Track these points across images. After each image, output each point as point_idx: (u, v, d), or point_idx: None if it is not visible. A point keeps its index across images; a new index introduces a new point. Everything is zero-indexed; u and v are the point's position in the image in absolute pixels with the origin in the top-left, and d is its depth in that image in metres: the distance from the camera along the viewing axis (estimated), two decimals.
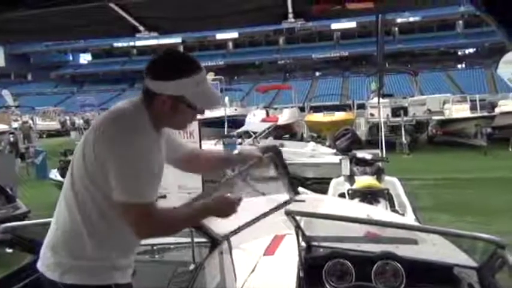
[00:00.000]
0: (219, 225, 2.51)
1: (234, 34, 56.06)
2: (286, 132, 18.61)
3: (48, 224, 1.71)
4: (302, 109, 21.76)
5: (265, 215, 2.20)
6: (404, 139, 15.56)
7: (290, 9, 1.76)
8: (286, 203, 2.13)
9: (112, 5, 1.79)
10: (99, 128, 1.51)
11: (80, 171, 1.53)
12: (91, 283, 1.55)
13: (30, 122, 23.03)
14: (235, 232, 2.34)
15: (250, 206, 2.39)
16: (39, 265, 1.61)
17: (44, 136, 28.92)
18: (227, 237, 2.36)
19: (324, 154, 10.12)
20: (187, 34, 51.84)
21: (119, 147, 1.45)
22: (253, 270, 2.36)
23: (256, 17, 2.02)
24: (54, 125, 32.26)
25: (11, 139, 16.00)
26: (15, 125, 20.51)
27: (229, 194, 1.71)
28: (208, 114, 20.13)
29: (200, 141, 3.00)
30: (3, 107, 28.43)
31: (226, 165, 2.01)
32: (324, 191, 5.87)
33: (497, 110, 17.04)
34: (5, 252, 2.15)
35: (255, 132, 13.97)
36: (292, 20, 1.81)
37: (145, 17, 2.04)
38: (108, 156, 1.46)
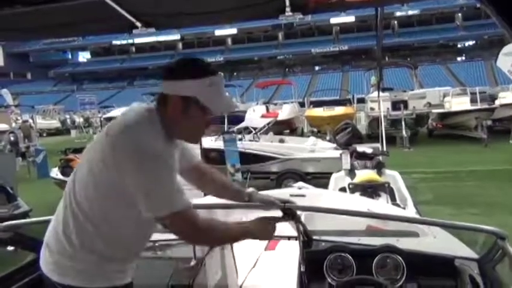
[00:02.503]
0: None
1: (232, 30, 55.95)
2: (287, 127, 18.60)
3: (49, 222, 1.71)
4: (302, 104, 21.76)
5: None
6: (404, 133, 15.54)
7: (287, 3, 1.75)
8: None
9: (108, 1, 1.78)
10: (114, 141, 1.46)
11: (87, 179, 1.50)
12: (91, 286, 1.53)
13: (30, 121, 23.03)
14: None
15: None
16: (41, 264, 1.60)
17: (44, 135, 28.96)
18: None
19: (324, 149, 10.12)
20: (185, 31, 51.85)
21: (141, 163, 1.42)
22: (254, 265, 2.37)
23: (254, 11, 2.02)
24: (54, 123, 32.29)
25: (12, 138, 16.01)
26: (14, 124, 20.49)
27: (267, 217, 1.80)
28: None
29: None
30: (3, 106, 28.42)
31: (233, 198, 2.02)
32: (324, 186, 5.87)
33: (497, 102, 17.01)
34: (6, 251, 2.15)
35: (255, 128, 13.96)
36: (290, 13, 1.80)
37: (142, 13, 2.04)
38: (130, 172, 1.42)
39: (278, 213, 2.08)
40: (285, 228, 2.29)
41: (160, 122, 1.51)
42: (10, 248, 2.14)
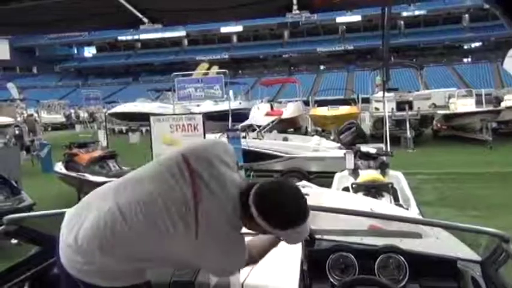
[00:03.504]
0: None
1: (238, 28, 55.95)
2: (291, 126, 18.59)
3: (53, 215, 1.71)
4: (306, 103, 21.71)
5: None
6: (408, 133, 15.50)
7: (295, 1, 1.75)
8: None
9: None
10: (205, 229, 1.49)
11: (151, 226, 1.49)
12: (115, 285, 1.53)
13: (35, 115, 23.15)
14: None
15: None
16: (62, 259, 1.55)
17: (49, 129, 29.09)
18: None
19: (328, 148, 10.11)
20: (191, 27, 51.96)
21: (220, 256, 1.53)
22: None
23: (261, 8, 2.02)
24: (59, 118, 32.42)
25: (16, 132, 16.10)
26: (19, 118, 20.60)
27: None
28: (213, 108, 20.20)
29: (204, 135, 3.00)
30: (9, 100, 28.55)
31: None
32: (328, 185, 5.87)
33: (503, 105, 16.94)
34: (10, 244, 2.16)
35: (259, 126, 13.97)
36: (297, 11, 1.80)
37: (149, 8, 2.04)
38: (205, 261, 1.55)
39: None
40: None
41: (241, 219, 1.56)
42: (14, 241, 2.15)
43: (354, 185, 5.27)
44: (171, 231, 1.47)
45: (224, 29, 56.43)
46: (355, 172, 5.92)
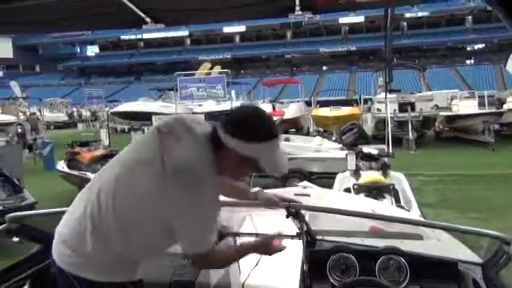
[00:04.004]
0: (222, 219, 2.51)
1: (241, 28, 55.96)
2: (293, 126, 18.57)
3: (54, 214, 1.72)
4: (309, 103, 21.70)
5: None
6: (411, 135, 15.47)
7: (297, 2, 1.75)
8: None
9: None
10: (175, 178, 1.47)
11: (131, 197, 1.51)
12: (104, 280, 1.54)
13: (38, 113, 23.21)
14: (236, 234, 2.37)
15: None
16: (54, 256, 1.59)
17: (51, 128, 29.14)
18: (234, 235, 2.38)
19: (330, 149, 10.10)
20: (194, 27, 51.98)
21: (191, 205, 1.47)
22: (257, 264, 2.37)
23: (264, 9, 2.02)
24: (62, 116, 32.51)
25: (19, 130, 16.13)
26: (22, 116, 20.65)
27: (273, 236, 1.86)
28: (215, 107, 20.21)
29: None
30: (11, 98, 28.64)
31: (239, 197, 2.06)
32: (329, 186, 5.87)
33: (505, 106, 16.92)
34: (12, 242, 2.17)
35: None
36: (299, 12, 1.80)
37: (152, 8, 2.04)
38: (183, 209, 1.49)
39: (283, 212, 2.09)
40: (288, 227, 2.29)
41: (213, 165, 1.54)
42: (16, 239, 2.16)
43: (355, 186, 5.28)
44: (145, 192, 1.49)
45: (227, 29, 56.45)
46: (356, 173, 5.92)
